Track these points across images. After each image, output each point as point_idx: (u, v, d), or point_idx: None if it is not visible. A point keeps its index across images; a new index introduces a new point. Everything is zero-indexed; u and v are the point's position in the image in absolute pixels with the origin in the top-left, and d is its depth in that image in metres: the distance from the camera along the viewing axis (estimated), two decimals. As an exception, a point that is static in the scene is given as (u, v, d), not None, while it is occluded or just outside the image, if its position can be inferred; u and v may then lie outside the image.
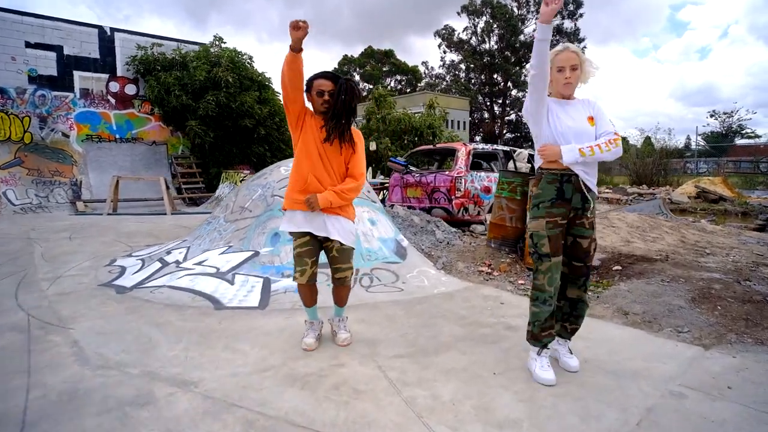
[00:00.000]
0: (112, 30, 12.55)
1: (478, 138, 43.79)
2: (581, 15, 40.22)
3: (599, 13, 71.80)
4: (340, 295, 2.84)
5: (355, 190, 2.68)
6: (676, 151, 23.17)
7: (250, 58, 13.61)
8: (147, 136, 13.13)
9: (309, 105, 2.65)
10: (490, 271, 4.32)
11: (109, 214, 10.23)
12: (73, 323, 3.19)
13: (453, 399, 2.12)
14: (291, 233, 2.72)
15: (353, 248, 2.77)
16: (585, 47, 41.23)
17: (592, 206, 2.32)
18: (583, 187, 2.27)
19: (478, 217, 6.59)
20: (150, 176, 11.87)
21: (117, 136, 12.65)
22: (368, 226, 4.70)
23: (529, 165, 6.30)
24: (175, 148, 13.61)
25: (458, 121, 37.64)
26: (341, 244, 2.66)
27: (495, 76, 43.84)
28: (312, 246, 2.65)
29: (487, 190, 6.65)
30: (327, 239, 2.67)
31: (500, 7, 39.81)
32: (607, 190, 15.81)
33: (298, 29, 2.31)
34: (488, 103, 45.11)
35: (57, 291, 4.03)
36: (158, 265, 4.65)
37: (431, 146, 8.04)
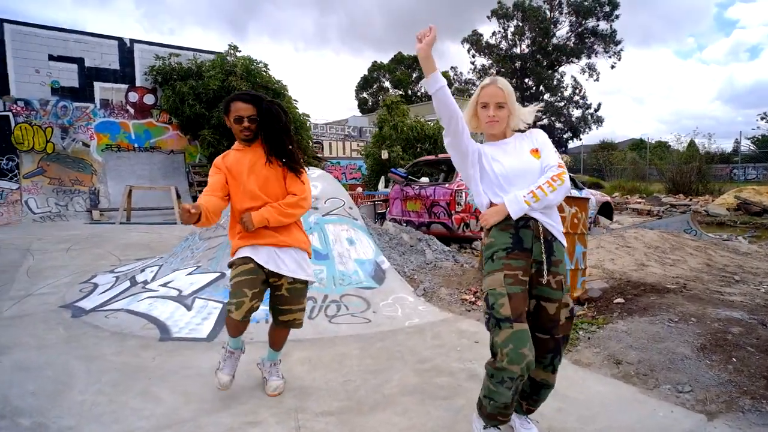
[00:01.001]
0: (132, 41, 12.78)
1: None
2: (617, 16, 38.68)
3: (640, 14, 68.92)
4: (280, 338, 2.47)
5: (296, 206, 2.35)
6: (722, 156, 21.64)
7: (266, 65, 13.57)
8: (165, 145, 13.28)
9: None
10: (474, 299, 3.86)
11: (121, 223, 10.32)
12: (5, 353, 2.98)
13: (365, 483, 1.71)
14: (230, 263, 2.36)
15: (307, 284, 2.42)
16: (622, 49, 39.65)
17: (559, 259, 1.86)
18: (546, 234, 1.83)
19: (479, 233, 6.11)
20: (162, 186, 11.95)
21: (136, 146, 12.84)
22: (345, 246, 4.34)
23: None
24: (192, 157, 13.71)
25: (487, 127, 36.78)
26: (293, 280, 2.32)
27: (527, 80, 42.72)
28: (255, 276, 2.24)
29: (492, 203, 6.16)
30: (274, 274, 2.30)
31: (532, 10, 38.78)
32: (639, 200, 14.83)
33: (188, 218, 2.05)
34: (519, 108, 43.95)
35: (15, 313, 3.86)
36: (127, 284, 4.43)
37: (434, 156, 7.61)
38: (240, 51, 13.40)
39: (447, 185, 6.24)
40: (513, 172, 1.83)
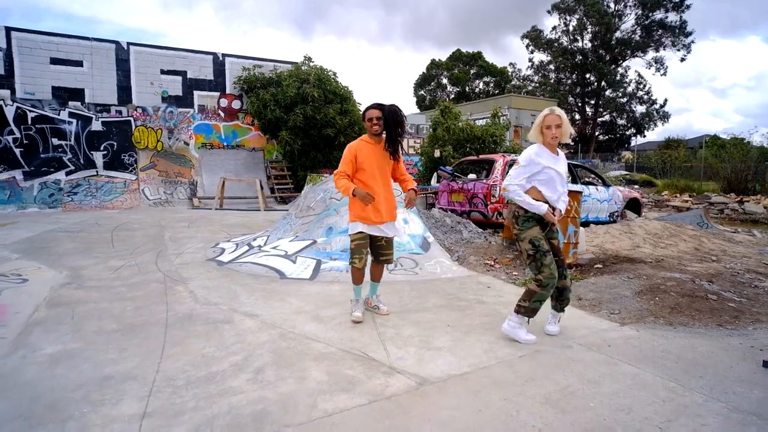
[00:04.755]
0: (224, 55, 15.08)
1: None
2: (688, 6, 37.16)
3: (724, 2, 64.46)
4: (380, 272, 3.82)
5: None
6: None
7: (335, 73, 15.43)
8: (248, 144, 15.54)
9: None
10: (493, 264, 5.30)
11: (216, 209, 12.55)
12: (189, 281, 4.84)
13: (409, 335, 3.28)
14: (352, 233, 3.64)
15: (393, 238, 3.78)
16: (693, 41, 38.07)
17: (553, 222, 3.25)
18: None
19: (511, 221, 7.45)
20: (249, 178, 14.14)
21: (225, 144, 15.18)
22: (401, 225, 5.91)
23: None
24: (270, 154, 15.88)
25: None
26: (389, 237, 3.70)
27: (588, 75, 42.07)
28: (366, 240, 3.60)
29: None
30: (377, 237, 3.65)
31: (593, 4, 38.15)
32: (687, 198, 15.19)
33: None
34: (580, 104, 43.36)
35: (180, 262, 5.80)
36: (246, 248, 6.29)
37: (475, 157, 8.98)
38: (313, 61, 15.31)
39: (485, 181, 7.63)
40: (558, 176, 3.20)
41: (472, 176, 9.04)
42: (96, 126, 13.09)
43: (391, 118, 3.48)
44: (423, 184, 14.35)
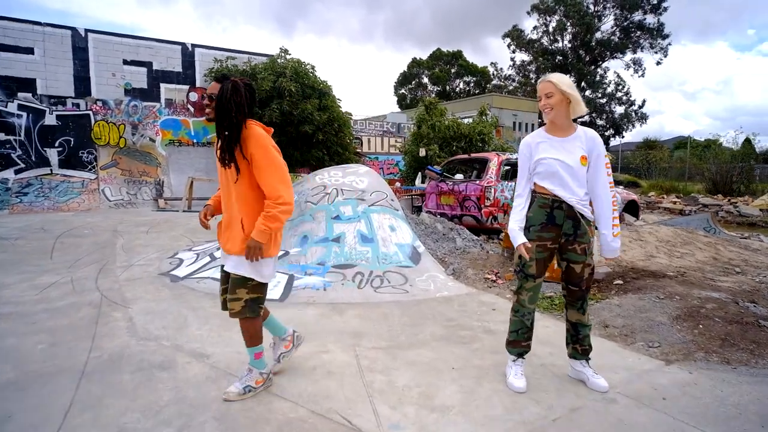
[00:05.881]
0: (193, 46, 14.04)
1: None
2: (665, 9, 37.49)
3: (698, 6, 65.86)
4: (241, 330, 2.48)
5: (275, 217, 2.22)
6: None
7: (313, 67, 14.55)
8: (220, 141, 14.53)
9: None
10: (495, 278, 4.58)
11: (184, 211, 11.55)
12: (132, 303, 3.96)
13: (404, 385, 2.51)
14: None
15: (242, 277, 2.37)
16: (670, 44, 38.44)
17: (584, 232, 2.39)
18: (577, 215, 2.37)
19: (505, 226, 6.76)
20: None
21: (194, 141, 14.13)
22: (388, 232, 5.14)
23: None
24: (244, 152, 14.90)
25: (527, 123, 36.67)
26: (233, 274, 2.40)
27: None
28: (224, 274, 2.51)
29: (519, 199, 6.78)
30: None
31: (574, 5, 38.14)
32: (675, 199, 14.87)
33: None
34: (560, 105, 43.30)
35: (127, 277, 4.90)
36: (208, 259, 5.42)
37: (467, 155, 8.28)
38: (290, 54, 14.41)
39: (478, 182, 6.93)
40: (560, 165, 2.36)
41: (459, 176, 8.34)
42: (50, 120, 11.89)
43: (226, 98, 2.18)
44: (407, 184, 13.62)
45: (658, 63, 39.60)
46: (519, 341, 2.58)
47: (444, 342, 3.15)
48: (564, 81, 2.37)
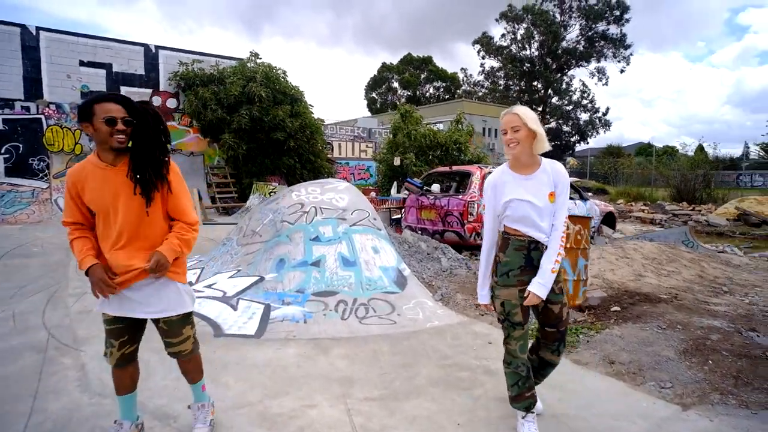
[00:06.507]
0: (157, 48, 13.32)
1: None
2: (627, 20, 38.84)
3: (653, 18, 68.88)
4: (185, 369, 2.35)
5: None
6: (731, 161, 21.87)
7: (284, 72, 14.09)
8: (185, 147, 13.83)
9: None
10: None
11: (146, 222, 10.85)
12: (85, 344, 3.49)
13: (407, 452, 2.20)
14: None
15: (184, 314, 2.25)
16: (632, 54, 39.83)
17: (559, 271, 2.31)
18: None
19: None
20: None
21: (158, 148, 13.39)
22: (371, 254, 4.82)
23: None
24: (211, 159, 14.26)
25: (495, 129, 37.14)
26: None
27: (535, 83, 43.01)
28: (117, 326, 2.19)
29: (502, 214, 6.61)
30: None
31: (541, 14, 39.01)
32: (643, 207, 15.20)
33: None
34: (527, 111, 44.19)
35: (80, 308, 4.38)
36: (174, 284, 4.94)
37: (447, 168, 8.07)
38: (260, 58, 13.91)
39: (461, 196, 6.71)
40: (528, 207, 2.23)
41: (435, 187, 8.11)
42: (-5, 125, 10.98)
43: (162, 124, 2.01)
44: (383, 194, 13.34)
45: (622, 71, 40.95)
46: (522, 394, 2.32)
47: (443, 387, 2.86)
48: (530, 115, 2.23)
